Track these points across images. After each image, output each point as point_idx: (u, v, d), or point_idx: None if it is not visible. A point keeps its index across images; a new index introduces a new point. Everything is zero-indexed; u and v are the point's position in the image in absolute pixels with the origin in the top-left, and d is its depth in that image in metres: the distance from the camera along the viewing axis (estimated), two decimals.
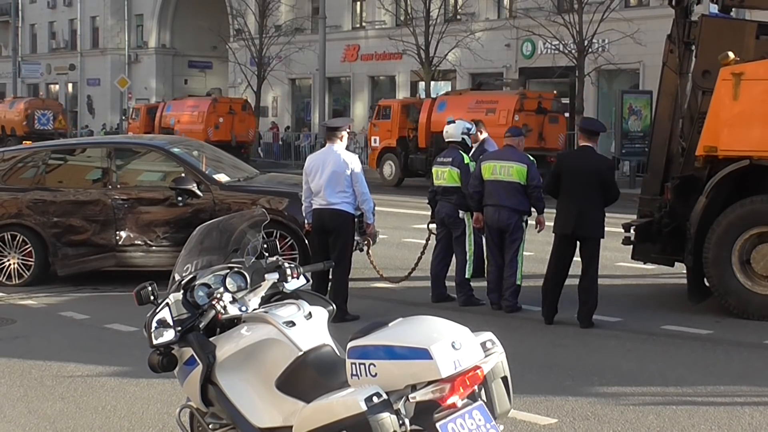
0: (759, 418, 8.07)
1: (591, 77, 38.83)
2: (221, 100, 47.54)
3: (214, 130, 44.43)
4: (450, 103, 34.75)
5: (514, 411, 5.92)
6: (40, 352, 10.51)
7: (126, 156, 15.29)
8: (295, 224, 13.79)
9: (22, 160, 15.35)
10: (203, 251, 6.03)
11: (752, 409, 8.34)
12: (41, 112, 56.09)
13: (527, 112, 32.40)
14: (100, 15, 73.57)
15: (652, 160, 13.91)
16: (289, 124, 56.06)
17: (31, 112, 55.61)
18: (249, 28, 52.21)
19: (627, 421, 7.99)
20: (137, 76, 69.25)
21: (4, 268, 14.52)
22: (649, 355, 10.42)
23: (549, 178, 11.91)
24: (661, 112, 13.83)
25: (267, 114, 56.35)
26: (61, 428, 7.94)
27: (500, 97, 33.85)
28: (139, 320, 6.15)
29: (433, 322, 4.99)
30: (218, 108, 45.71)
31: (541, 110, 32.98)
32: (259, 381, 5.48)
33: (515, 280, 12.27)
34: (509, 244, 12.33)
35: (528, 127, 30.10)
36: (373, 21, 53.30)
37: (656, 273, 14.86)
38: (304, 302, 5.74)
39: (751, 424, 7.94)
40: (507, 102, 32.90)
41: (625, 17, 37.63)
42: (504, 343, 5.16)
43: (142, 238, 14.32)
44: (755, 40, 12.92)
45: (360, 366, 4.85)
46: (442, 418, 4.76)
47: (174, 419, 6.23)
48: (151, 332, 5.50)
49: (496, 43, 45.50)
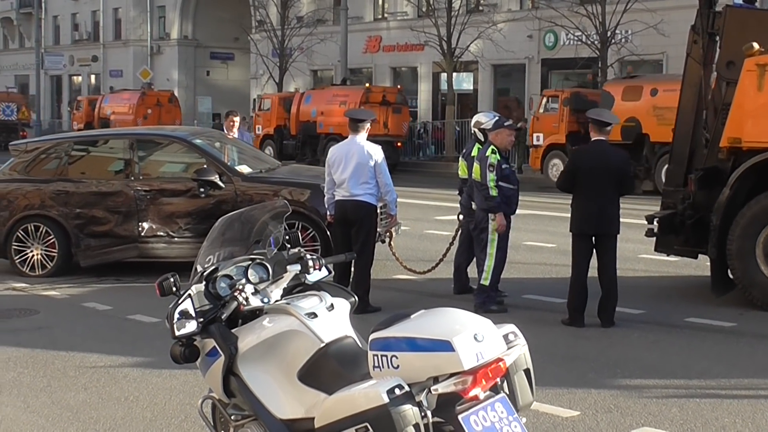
0: None
1: (614, 68, 38.68)
2: (149, 93, 53.59)
3: (142, 120, 49.73)
4: (314, 96, 42.33)
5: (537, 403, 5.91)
6: (63, 342, 10.57)
7: (148, 147, 15.32)
8: (317, 216, 13.80)
9: (45, 152, 15.39)
10: (225, 242, 6.03)
11: None
12: (5, 104, 60.73)
13: (372, 104, 37.87)
14: (122, 6, 73.79)
15: (675, 151, 13.83)
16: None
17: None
18: (271, 20, 52.23)
19: (650, 413, 7.97)
20: (159, 67, 69.46)
21: (28, 259, 14.60)
22: (672, 347, 10.39)
23: (563, 175, 11.70)
24: (685, 104, 13.75)
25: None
26: (84, 419, 7.97)
27: (350, 92, 40.81)
28: (161, 311, 6.16)
29: (456, 314, 4.98)
30: (146, 100, 51.92)
31: (386, 102, 39.65)
32: (281, 372, 5.48)
33: (481, 280, 12.05)
34: (478, 243, 12.21)
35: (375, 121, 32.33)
36: (395, 12, 53.27)
37: (679, 265, 14.81)
38: (326, 294, 5.73)
39: None
40: (354, 95, 39.60)
41: (649, 8, 37.46)
42: (526, 335, 5.15)
43: (164, 230, 14.36)
44: None
45: (382, 358, 4.85)
46: (465, 411, 4.75)
47: (196, 410, 6.25)
48: (173, 323, 5.51)
49: (519, 34, 45.40)
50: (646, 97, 29.02)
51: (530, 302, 12.69)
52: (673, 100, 27.94)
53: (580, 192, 11.27)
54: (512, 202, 12.21)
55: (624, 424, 7.70)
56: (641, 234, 13.63)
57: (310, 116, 41.58)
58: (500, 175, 11.89)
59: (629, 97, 29.35)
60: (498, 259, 12.05)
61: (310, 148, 41.29)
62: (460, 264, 13.17)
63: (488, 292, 12.06)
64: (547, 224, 20.00)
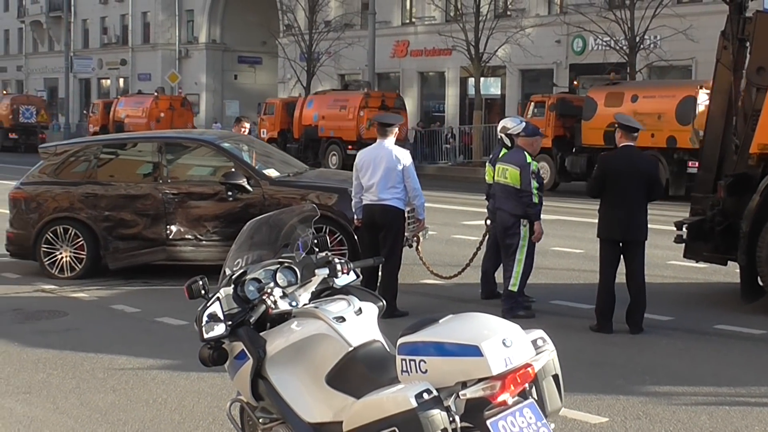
0: None
1: (643, 74, 38.56)
2: (162, 98, 54.98)
3: (155, 123, 51.32)
4: (316, 101, 43.22)
5: (565, 409, 5.90)
6: (91, 344, 10.61)
7: (176, 151, 15.37)
8: (345, 220, 13.81)
9: (74, 155, 15.45)
10: (254, 246, 6.04)
11: None
12: (25, 107, 61.39)
13: (371, 108, 39.49)
14: (151, 10, 74.13)
15: (704, 157, 13.77)
16: None
17: (16, 107, 60.91)
18: (299, 24, 52.28)
19: (679, 421, 7.94)
20: (187, 71, 69.77)
21: (57, 261, 14.67)
22: (701, 354, 10.34)
23: (593, 181, 11.62)
24: (715, 110, 13.69)
25: None
26: (112, 420, 8.00)
27: (350, 96, 41.77)
28: (189, 314, 6.18)
29: (484, 319, 4.97)
30: (159, 104, 53.27)
31: (384, 107, 40.01)
32: (309, 376, 5.48)
33: (509, 285, 12.03)
34: (505, 249, 12.20)
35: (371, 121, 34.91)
36: (422, 17, 53.32)
37: (708, 272, 14.75)
38: (354, 298, 5.73)
39: None
40: (354, 100, 40.78)
41: (678, 13, 37.40)
42: (554, 340, 5.14)
43: (192, 233, 14.40)
44: None
45: (410, 362, 4.85)
46: (493, 416, 4.75)
47: (224, 413, 6.27)
48: (201, 326, 5.53)
49: (547, 39, 45.32)
50: (627, 103, 29.68)
51: (558, 308, 12.66)
52: (651, 106, 29.59)
53: (609, 198, 11.20)
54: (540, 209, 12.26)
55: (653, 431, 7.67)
56: (670, 240, 13.58)
57: (312, 120, 42.55)
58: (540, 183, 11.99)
59: (611, 103, 29.96)
60: (526, 266, 12.05)
61: (312, 152, 41.78)
62: (487, 269, 13.16)
63: (516, 297, 12.05)
64: (574, 230, 19.95)
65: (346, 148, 40.03)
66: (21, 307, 12.68)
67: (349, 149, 39.48)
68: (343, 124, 40.56)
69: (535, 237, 11.96)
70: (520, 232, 11.96)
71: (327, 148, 40.61)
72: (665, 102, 29.43)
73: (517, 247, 11.99)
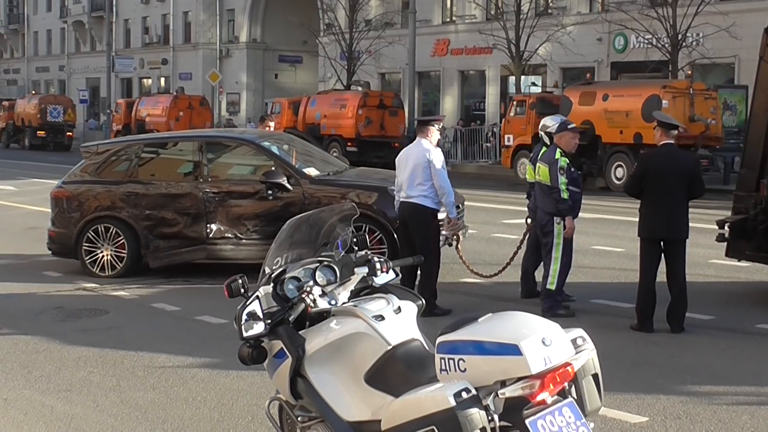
0: None
1: (684, 71, 38.30)
2: (181, 97, 56.42)
3: (175, 122, 52.77)
4: (318, 100, 44.85)
5: (605, 408, 5.88)
6: (132, 342, 10.68)
7: (217, 150, 15.43)
8: (384, 218, 13.83)
9: (116, 154, 15.54)
10: (293, 245, 6.06)
11: None
12: (53, 107, 62.72)
13: (369, 107, 41.68)
14: (192, 10, 74.46)
15: (747, 155, 13.69)
16: None
17: (44, 107, 62.29)
18: (339, 23, 52.35)
19: (720, 420, 7.89)
20: (228, 70, 70.04)
21: (98, 259, 14.76)
22: (743, 354, 10.27)
23: (632, 179, 11.53)
24: (758, 108, 13.59)
25: None
26: (152, 418, 8.05)
27: (350, 95, 43.62)
28: (229, 312, 6.21)
29: (524, 318, 4.96)
30: (179, 104, 54.71)
31: (382, 106, 42.26)
32: (348, 375, 5.49)
33: (546, 284, 12.01)
34: (543, 247, 12.21)
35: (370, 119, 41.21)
36: (463, 15, 53.22)
37: (751, 270, 14.64)
38: (393, 296, 5.73)
39: None
40: (353, 99, 42.38)
41: (721, 10, 37.09)
42: (594, 340, 5.12)
43: (232, 231, 14.45)
44: None
45: (449, 361, 4.84)
46: (532, 415, 4.74)
47: (263, 411, 6.29)
48: (241, 325, 5.54)
49: (588, 37, 45.11)
50: (599, 102, 31.39)
51: (598, 307, 12.61)
52: (621, 104, 30.82)
53: (649, 196, 11.14)
54: (577, 206, 12.19)
55: (693, 431, 7.63)
56: (712, 239, 13.50)
57: (315, 119, 43.89)
58: (569, 178, 11.87)
59: (585, 101, 31.61)
60: (563, 264, 12.01)
61: None
62: (527, 268, 13.13)
63: (555, 296, 12.02)
64: (615, 228, 19.87)
65: (346, 145, 41.43)
66: (62, 305, 12.78)
67: (348, 146, 41.08)
68: (343, 122, 42.03)
69: (567, 232, 11.88)
70: (554, 230, 11.93)
71: (328, 145, 41.33)
72: (632, 101, 30.57)
73: (552, 245, 11.98)
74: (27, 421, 8.03)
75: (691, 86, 30.95)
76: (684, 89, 30.82)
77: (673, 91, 30.60)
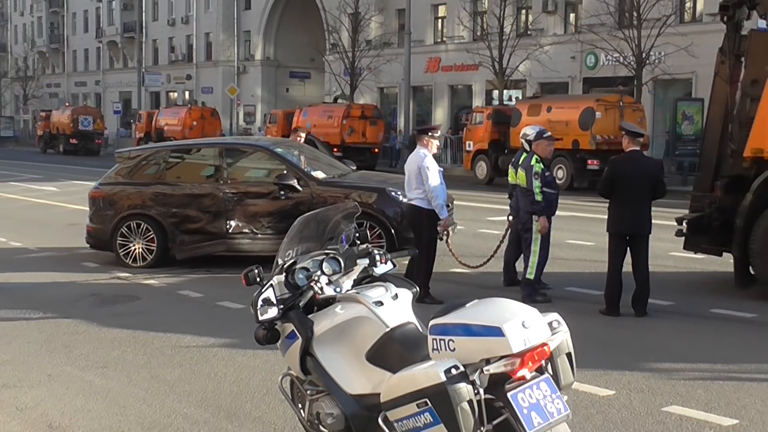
0: None
1: (648, 86, 38.33)
2: (195, 109, 58.54)
3: (189, 130, 54.07)
4: (310, 111, 45.87)
5: (577, 383, 5.88)
6: (160, 325, 10.68)
7: (235, 155, 15.43)
8: (383, 216, 13.84)
9: (146, 159, 15.55)
10: (303, 239, 6.07)
11: None
12: (83, 117, 64.14)
13: (353, 118, 42.75)
14: (213, 31, 74.42)
15: (703, 160, 13.69)
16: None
17: (76, 117, 63.74)
18: (343, 43, 52.37)
19: (678, 394, 7.91)
20: (245, 84, 69.99)
21: (130, 252, 14.77)
22: (698, 335, 10.29)
23: (603, 182, 11.47)
24: (713, 118, 13.61)
25: None
26: (178, 391, 8.06)
27: (335, 108, 44.85)
28: (246, 299, 6.22)
29: (506, 304, 4.98)
30: (192, 114, 56.51)
31: (364, 117, 43.31)
32: (351, 353, 5.51)
33: (526, 274, 12.02)
34: (523, 241, 12.24)
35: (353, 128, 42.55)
36: (452, 36, 53.19)
37: (706, 262, 14.64)
38: (391, 285, 5.75)
39: None
40: (338, 111, 43.59)
41: (680, 32, 37.14)
42: (568, 323, 5.13)
43: (249, 227, 14.45)
44: None
45: (440, 341, 4.86)
46: (513, 389, 4.75)
47: (276, 385, 6.30)
48: (257, 309, 5.56)
49: (563, 55, 45.12)
50: (544, 113, 32.37)
51: (571, 294, 12.61)
52: (561, 115, 31.93)
53: (618, 196, 11.15)
54: (553, 205, 12.21)
55: (654, 403, 7.64)
56: (671, 234, 13.51)
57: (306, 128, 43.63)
58: (543, 182, 11.91)
59: (532, 113, 32.69)
60: (541, 257, 12.03)
61: None
62: (509, 259, 13.14)
63: (533, 284, 12.03)
64: (586, 225, 19.86)
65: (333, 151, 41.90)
66: (99, 292, 12.78)
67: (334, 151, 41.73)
68: (330, 131, 42.52)
69: (541, 230, 11.92)
70: (533, 226, 11.99)
71: None
72: (571, 112, 31.98)
73: (531, 239, 12.01)
74: (68, 394, 8.04)
75: (621, 100, 31.94)
76: (615, 102, 31.72)
77: (605, 104, 31.64)
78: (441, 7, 54.22)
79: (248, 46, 72.76)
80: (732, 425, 7.11)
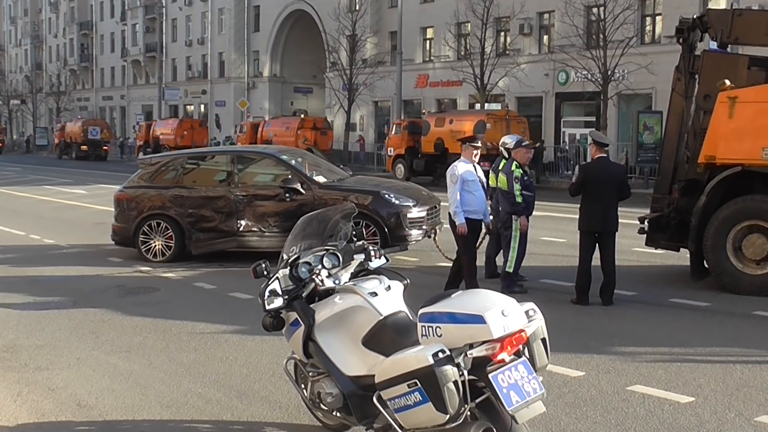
0: (747, 374, 7.93)
1: (613, 100, 38.35)
2: (186, 120, 61.89)
3: (180, 139, 56.09)
4: (273, 123, 49.15)
5: (551, 365, 5.86)
6: (178, 313, 10.67)
7: (245, 162, 15.40)
8: (377, 216, 13.83)
9: (165, 165, 15.54)
10: (305, 236, 6.05)
11: (742, 367, 8.19)
12: (92, 127, 67.24)
13: (306, 128, 46.40)
14: (225, 51, 74.28)
15: (662, 166, 13.72)
16: (373, 137, 56.18)
17: (86, 128, 66.81)
18: (341, 61, 52.36)
19: (641, 374, 7.90)
20: (254, 99, 69.84)
21: (151, 248, 14.76)
22: (659, 321, 10.28)
23: (575, 185, 11.46)
24: (670, 128, 13.63)
25: (355, 129, 56.57)
26: (194, 373, 8.03)
27: (292, 120, 49.00)
28: (255, 290, 6.20)
29: (487, 294, 4.95)
30: (183, 125, 59.02)
31: (315, 128, 47.01)
32: (348, 339, 5.49)
33: (505, 267, 12.01)
34: (503, 238, 12.21)
35: (306, 138, 45.23)
36: (439, 55, 53.12)
37: (665, 256, 14.65)
38: (384, 277, 5.73)
39: (741, 378, 7.80)
40: (294, 122, 47.53)
41: (641, 52, 37.19)
42: (543, 311, 5.11)
43: (257, 226, 14.43)
44: (747, 70, 12.71)
45: (429, 328, 4.83)
46: (494, 371, 4.73)
47: (282, 368, 6.27)
48: (264, 300, 5.54)
49: (537, 72, 45.11)
50: (447, 124, 35.90)
51: (546, 285, 12.61)
52: (460, 126, 34.53)
53: (588, 197, 11.16)
54: (531, 206, 12.20)
55: (620, 383, 7.63)
56: (635, 231, 13.51)
57: (269, 137, 47.26)
58: (523, 185, 11.91)
59: (438, 124, 36.35)
60: (519, 252, 12.02)
61: None
62: (490, 254, 13.12)
63: (512, 277, 12.02)
64: (559, 223, 19.87)
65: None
66: (123, 284, 12.77)
67: None
68: (287, 140, 44.84)
69: (521, 228, 11.92)
70: (513, 225, 11.97)
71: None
72: (467, 123, 34.71)
73: (511, 237, 12.00)
74: (95, 375, 8.01)
75: (507, 114, 35.46)
76: (502, 116, 35.01)
77: (494, 117, 34.91)
78: (429, 29, 54.16)
79: (257, 64, 72.63)
80: (689, 402, 7.10)
